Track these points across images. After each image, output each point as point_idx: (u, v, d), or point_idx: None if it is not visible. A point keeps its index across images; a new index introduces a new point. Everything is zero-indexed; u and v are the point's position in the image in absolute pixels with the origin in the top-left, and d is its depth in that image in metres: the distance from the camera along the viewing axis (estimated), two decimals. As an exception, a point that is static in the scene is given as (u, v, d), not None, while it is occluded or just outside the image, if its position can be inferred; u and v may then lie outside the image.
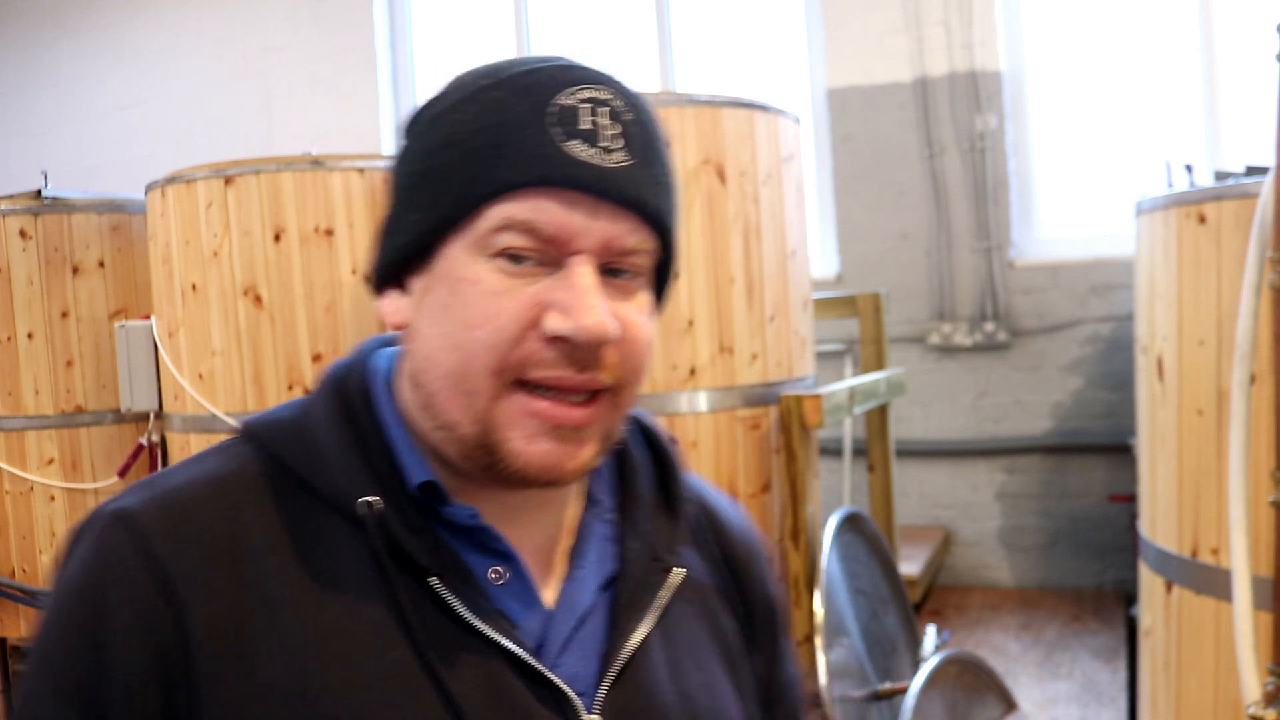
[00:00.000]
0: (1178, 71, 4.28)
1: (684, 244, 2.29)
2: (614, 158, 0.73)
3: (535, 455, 0.73)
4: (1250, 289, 1.94)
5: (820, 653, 2.20)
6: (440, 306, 0.74)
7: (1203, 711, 2.23)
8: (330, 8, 5.57)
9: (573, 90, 0.74)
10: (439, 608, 0.73)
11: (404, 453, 0.78)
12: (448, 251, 0.74)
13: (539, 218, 0.72)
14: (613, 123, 0.74)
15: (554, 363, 0.73)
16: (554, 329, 0.72)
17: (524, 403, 0.73)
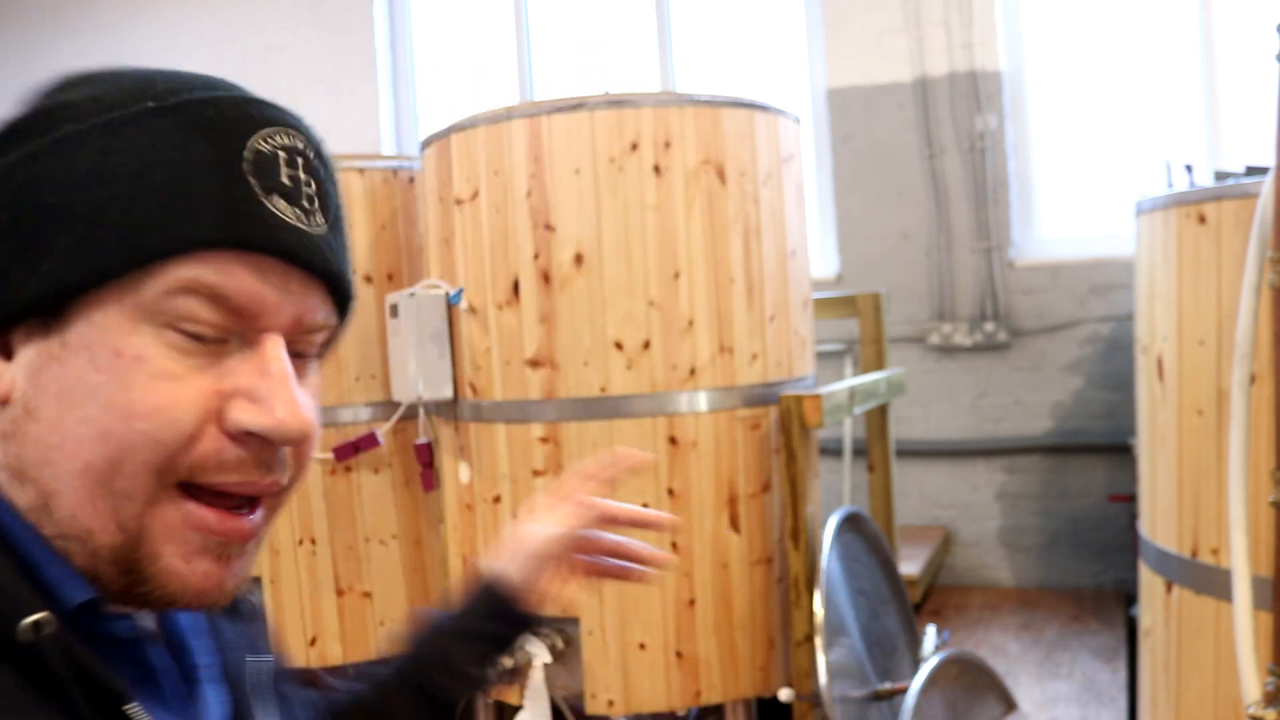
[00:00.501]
0: (1178, 71, 4.28)
1: (684, 244, 2.29)
2: (314, 220, 0.62)
3: (194, 577, 0.60)
4: (1250, 289, 1.94)
5: (820, 653, 2.20)
6: (79, 384, 0.58)
7: (1203, 711, 2.23)
8: (330, 8, 5.57)
9: (266, 133, 0.62)
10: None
11: (47, 565, 0.60)
12: (93, 315, 0.58)
13: (230, 285, 0.59)
14: (308, 178, 0.63)
15: (236, 465, 0.60)
16: (246, 424, 0.59)
17: (187, 512, 0.60)
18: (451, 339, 2.49)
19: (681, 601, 2.29)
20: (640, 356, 2.27)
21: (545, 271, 2.30)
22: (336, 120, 5.55)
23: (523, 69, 5.38)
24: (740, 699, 2.39)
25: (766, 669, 2.38)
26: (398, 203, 2.92)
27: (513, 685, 2.26)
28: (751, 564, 2.35)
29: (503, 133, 2.32)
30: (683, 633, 2.29)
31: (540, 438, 2.32)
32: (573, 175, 2.27)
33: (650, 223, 2.27)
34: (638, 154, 2.27)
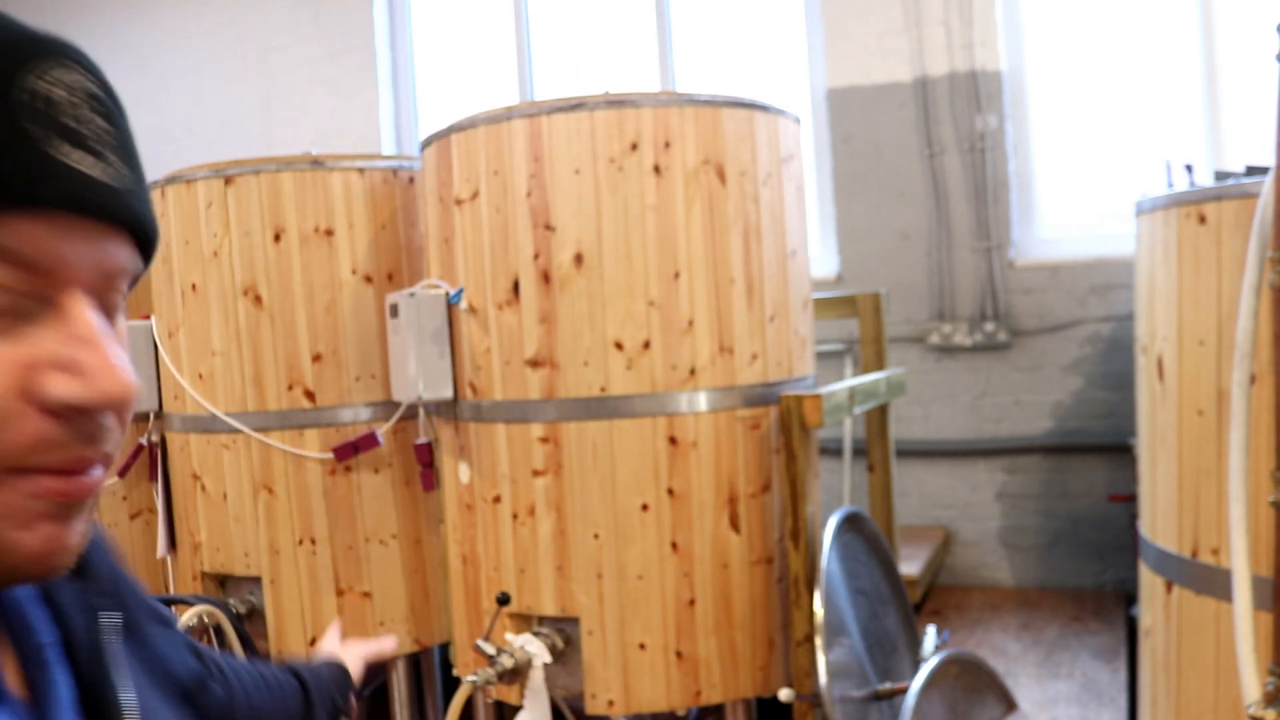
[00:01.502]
0: (1178, 71, 4.28)
1: (684, 244, 2.29)
2: (109, 169, 0.56)
3: (35, 543, 0.55)
4: (1250, 289, 1.94)
5: (820, 653, 2.20)
6: None
7: (1203, 711, 2.23)
8: (330, 8, 5.57)
9: (39, 69, 0.54)
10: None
11: None
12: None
13: (14, 243, 0.52)
14: (97, 116, 0.56)
15: (61, 443, 0.55)
16: (63, 397, 0.54)
17: (19, 486, 0.54)
18: (451, 339, 2.49)
19: (681, 601, 2.29)
20: (640, 356, 2.27)
21: (545, 271, 2.30)
22: (336, 120, 5.55)
23: (523, 69, 5.38)
24: (740, 699, 2.39)
25: (766, 669, 2.38)
26: (398, 203, 2.92)
27: (513, 685, 2.26)
28: (751, 564, 2.35)
29: (503, 133, 2.32)
30: (683, 633, 2.29)
31: (540, 438, 2.32)
32: (573, 175, 2.27)
33: (650, 223, 2.27)
34: (638, 154, 2.27)
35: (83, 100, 0.55)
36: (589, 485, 2.29)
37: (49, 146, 0.53)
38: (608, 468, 2.28)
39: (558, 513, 2.31)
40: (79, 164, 0.54)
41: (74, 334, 0.55)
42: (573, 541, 2.30)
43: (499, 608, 2.20)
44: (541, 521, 2.33)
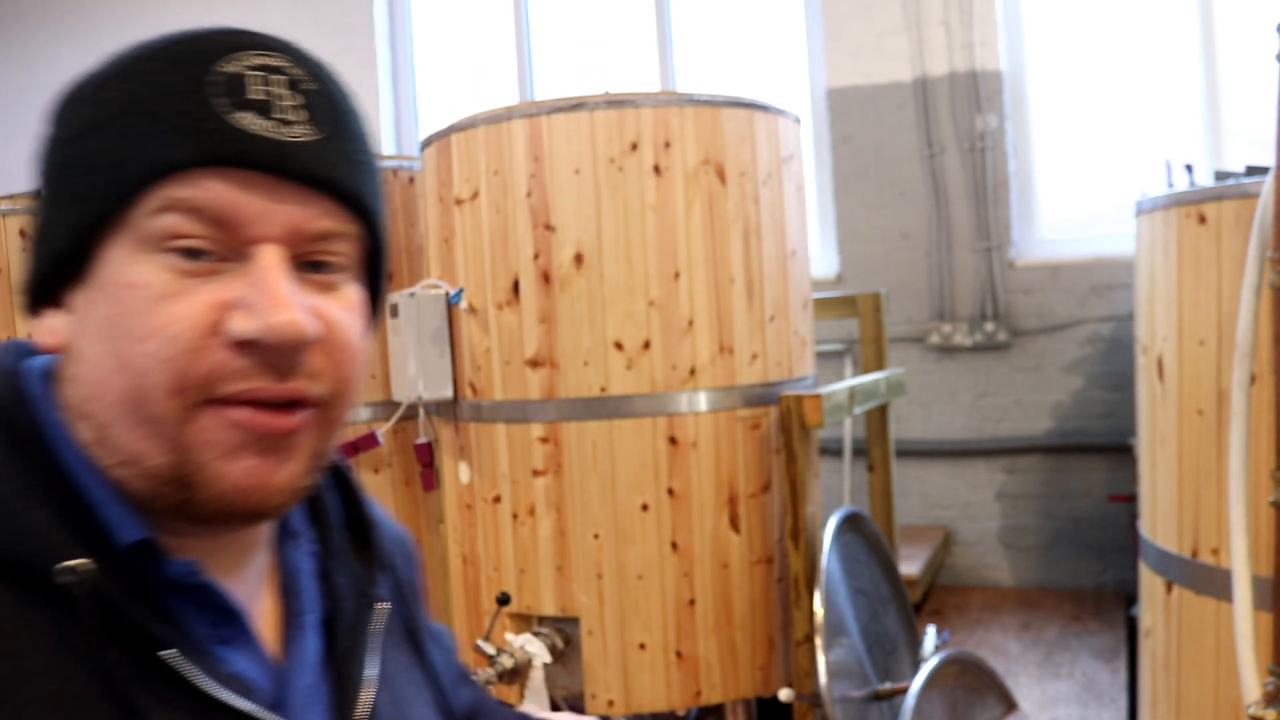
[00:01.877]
0: (1178, 71, 4.28)
1: (684, 244, 2.29)
2: (294, 130, 0.63)
3: (237, 474, 0.61)
4: (1250, 289, 1.94)
5: (820, 653, 2.20)
6: (104, 320, 0.61)
7: (1203, 711, 2.23)
8: (330, 8, 5.57)
9: (238, 56, 0.64)
10: (172, 684, 0.60)
11: (106, 504, 0.63)
12: (107, 254, 0.62)
13: (203, 197, 0.61)
14: (292, 93, 0.64)
15: (247, 373, 0.61)
16: (239, 331, 0.60)
17: (220, 416, 0.61)
18: (451, 339, 2.49)
19: (681, 601, 2.29)
20: (640, 356, 2.27)
21: (545, 271, 2.30)
22: (336, 120, 5.54)
23: (523, 69, 5.38)
24: (740, 699, 2.39)
25: (766, 669, 2.38)
26: (398, 203, 2.92)
27: (513, 685, 2.26)
28: (751, 564, 2.35)
29: (503, 133, 2.32)
30: (683, 633, 2.29)
31: (540, 438, 2.32)
32: (573, 175, 2.27)
33: (650, 223, 2.27)
34: (638, 154, 2.27)
35: (273, 79, 0.64)
36: (589, 485, 2.29)
37: (228, 114, 0.61)
38: (608, 468, 2.28)
39: (558, 513, 2.31)
40: (258, 128, 0.62)
41: (254, 278, 0.61)
42: (573, 541, 2.30)
43: (499, 608, 2.20)
44: (541, 521, 2.33)
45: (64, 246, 0.64)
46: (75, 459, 0.64)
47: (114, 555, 0.61)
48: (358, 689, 0.71)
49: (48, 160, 0.67)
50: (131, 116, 0.62)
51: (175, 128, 0.61)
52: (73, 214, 0.63)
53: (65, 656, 0.58)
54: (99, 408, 0.62)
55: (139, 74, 0.64)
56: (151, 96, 0.62)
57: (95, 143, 0.62)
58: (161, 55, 0.65)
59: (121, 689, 0.58)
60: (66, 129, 0.65)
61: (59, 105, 0.67)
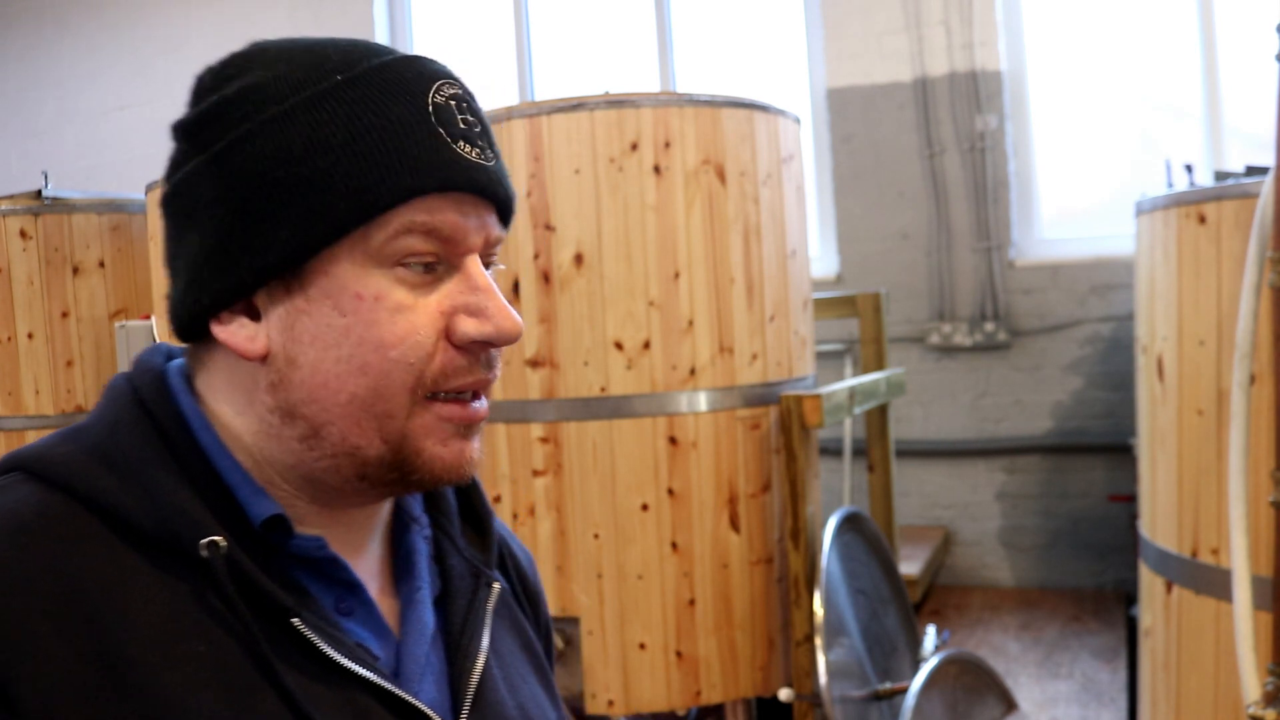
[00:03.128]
0: (1178, 71, 4.28)
1: (684, 244, 2.29)
2: (488, 156, 0.72)
3: (450, 455, 0.72)
4: (1250, 289, 1.94)
5: (820, 653, 2.20)
6: (330, 329, 0.68)
7: (1203, 711, 2.23)
8: (330, 8, 5.57)
9: (438, 86, 0.71)
10: (300, 649, 0.68)
11: (240, 485, 0.71)
12: (329, 269, 0.68)
13: (438, 220, 0.69)
14: (475, 120, 0.73)
15: (468, 369, 0.71)
16: (471, 334, 0.70)
17: (439, 410, 0.71)
18: (451, 339, 2.49)
19: (681, 601, 2.29)
20: (640, 356, 2.27)
21: (545, 271, 2.30)
22: (336, 120, 5.54)
23: (523, 69, 5.38)
24: (740, 699, 2.39)
25: (766, 669, 2.38)
26: (398, 203, 2.92)
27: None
28: (751, 564, 2.35)
29: (503, 133, 2.32)
30: (683, 632, 2.29)
31: (540, 438, 2.32)
32: (573, 175, 2.27)
33: (650, 223, 2.27)
34: (638, 154, 2.27)
35: (465, 106, 0.72)
36: (589, 485, 2.29)
37: (454, 144, 0.70)
38: (608, 468, 2.28)
39: (558, 512, 2.31)
40: (471, 156, 0.70)
41: (476, 286, 0.71)
42: (573, 541, 2.30)
43: (499, 608, 2.20)
44: (541, 521, 2.33)
45: (274, 258, 0.68)
46: (215, 447, 0.71)
47: (248, 531, 0.69)
48: (471, 660, 0.77)
49: (243, 173, 0.68)
50: (367, 142, 0.67)
51: (416, 158, 0.68)
52: (300, 230, 0.67)
53: (210, 621, 0.66)
54: (318, 409, 0.69)
55: (359, 100, 0.68)
56: (384, 126, 0.68)
57: (328, 163, 0.67)
58: (375, 83, 0.69)
59: (259, 650, 0.65)
60: (276, 147, 0.68)
61: (251, 121, 0.68)
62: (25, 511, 0.66)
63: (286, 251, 0.68)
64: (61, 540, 0.65)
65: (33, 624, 0.61)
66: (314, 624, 0.68)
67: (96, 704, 0.60)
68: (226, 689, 0.64)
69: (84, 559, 0.65)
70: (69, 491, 0.67)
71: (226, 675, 0.64)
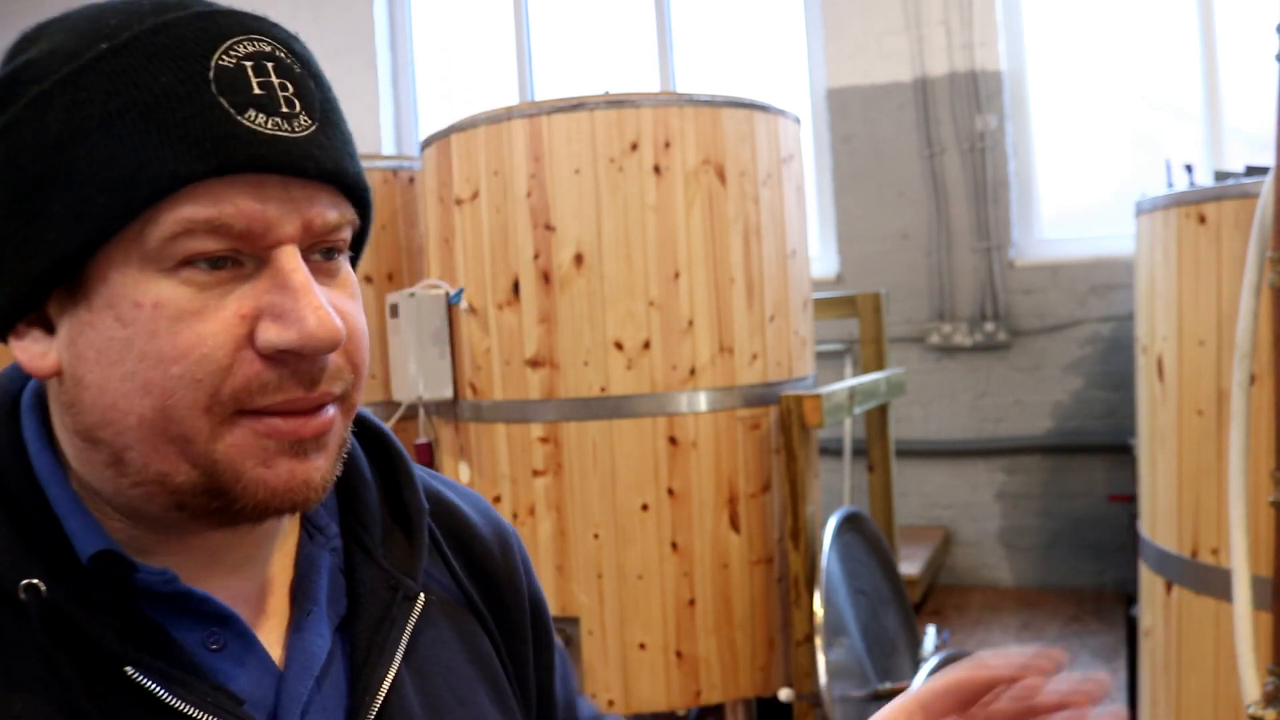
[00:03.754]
0: (1178, 71, 4.28)
1: (684, 244, 2.29)
2: (298, 125, 0.60)
3: (277, 479, 0.61)
4: (1250, 289, 1.94)
5: (820, 653, 2.20)
6: (113, 342, 0.58)
7: (1203, 711, 2.23)
8: (330, 8, 5.57)
9: (228, 46, 0.59)
10: (139, 700, 0.59)
11: (68, 517, 0.62)
12: (107, 274, 0.58)
13: (226, 212, 0.57)
14: (282, 80, 0.60)
15: (278, 385, 0.60)
16: (274, 342, 0.58)
17: (253, 426, 0.60)
18: (451, 339, 2.49)
19: (681, 601, 2.29)
20: (640, 356, 2.27)
21: (545, 271, 2.30)
22: (336, 120, 5.54)
23: (523, 69, 5.38)
24: (740, 699, 2.39)
25: (766, 669, 2.38)
26: (398, 203, 2.92)
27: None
28: (751, 564, 2.35)
29: (503, 133, 2.32)
30: (683, 632, 2.29)
31: (540, 438, 2.32)
32: (573, 175, 2.27)
33: (650, 223, 2.28)
34: (638, 154, 2.27)
35: (267, 67, 0.59)
36: (589, 485, 2.29)
37: (239, 115, 0.57)
38: (608, 468, 2.28)
39: (558, 512, 2.31)
40: (265, 127, 0.58)
41: (283, 284, 0.59)
42: (572, 541, 2.30)
43: (499, 608, 2.20)
44: (541, 521, 2.33)
45: (43, 265, 0.58)
46: (50, 476, 0.63)
47: (79, 570, 0.60)
48: (373, 692, 0.67)
49: (10, 165, 0.59)
50: (125, 122, 0.56)
51: (183, 136, 0.56)
52: (65, 232, 0.57)
53: (31, 675, 0.58)
54: (112, 433, 0.60)
55: (123, 71, 0.57)
56: (148, 100, 0.57)
57: (83, 151, 0.57)
58: (138, 49, 0.58)
59: (85, 710, 0.57)
60: (33, 133, 0.58)
61: (4, 97, 0.59)
62: None
63: (53, 256, 0.58)
64: None
65: None
66: (157, 670, 0.59)
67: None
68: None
69: None
70: None
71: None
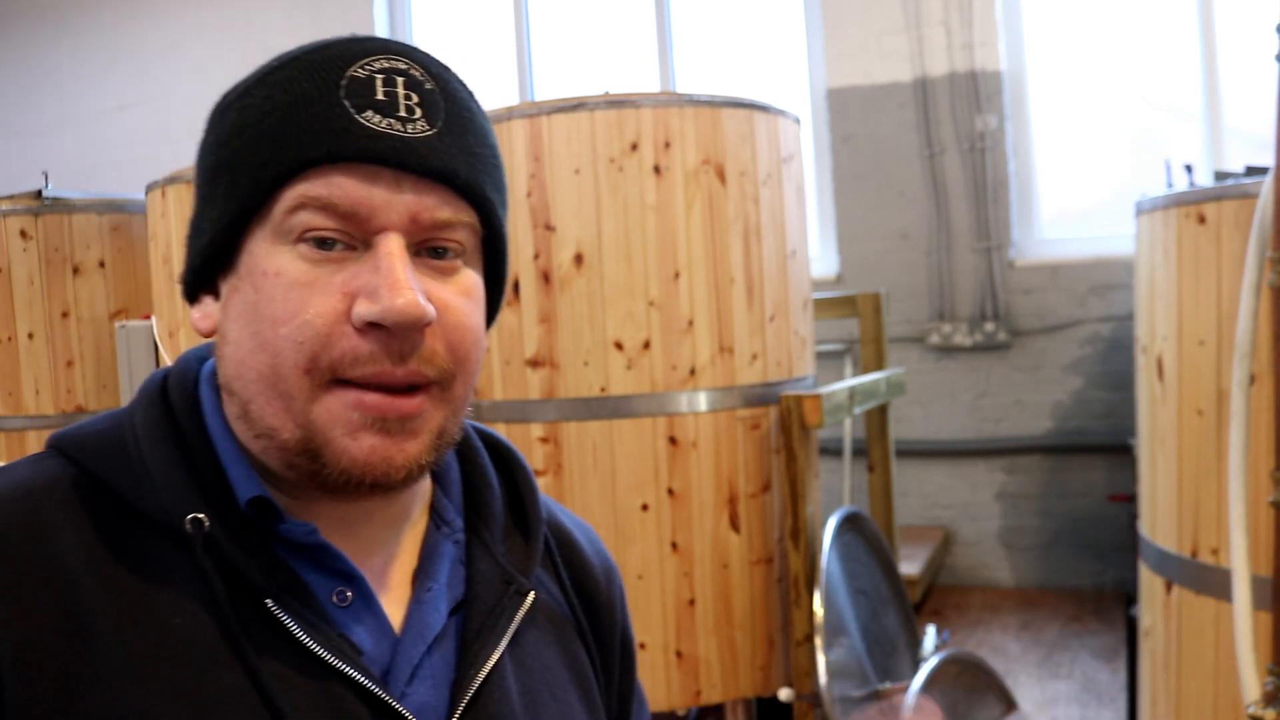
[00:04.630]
0: (1178, 71, 4.28)
1: (684, 244, 2.29)
2: (414, 127, 0.68)
3: (360, 451, 0.68)
4: (1250, 289, 1.94)
5: (820, 653, 2.20)
6: (247, 305, 0.69)
7: (1203, 711, 2.24)
8: (330, 8, 5.57)
9: (366, 62, 0.69)
10: (276, 633, 0.67)
11: (232, 466, 0.72)
12: (250, 246, 0.69)
13: (334, 193, 0.67)
14: (411, 92, 0.69)
15: (370, 357, 0.67)
16: (364, 315, 0.66)
17: (344, 397, 0.67)
18: (451, 339, 2.49)
19: (681, 601, 2.29)
20: (640, 356, 2.27)
21: (545, 271, 2.30)
22: (336, 120, 5.54)
23: (523, 69, 5.38)
24: (740, 699, 2.39)
25: (766, 669, 2.38)
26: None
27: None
28: (751, 564, 2.36)
29: (503, 133, 2.32)
30: (683, 632, 2.30)
31: (540, 438, 2.32)
32: (573, 175, 2.27)
33: (650, 223, 2.28)
34: (638, 154, 2.27)
35: (396, 80, 0.69)
36: (589, 485, 2.29)
37: (358, 115, 0.67)
38: (608, 468, 2.28)
39: (558, 513, 2.31)
40: (381, 126, 0.67)
41: (376, 266, 0.67)
42: (573, 541, 2.30)
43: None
44: (541, 521, 2.33)
45: (211, 240, 0.70)
46: (218, 430, 0.73)
47: (237, 513, 0.70)
48: (477, 668, 0.74)
49: (201, 163, 0.73)
50: (271, 120, 0.68)
51: (308, 130, 0.67)
52: (222, 210, 0.69)
53: (188, 596, 0.67)
54: (240, 385, 0.69)
55: (279, 82, 0.69)
56: (289, 102, 0.68)
57: (240, 144, 0.69)
58: (299, 64, 0.70)
59: (229, 628, 0.66)
60: (217, 134, 0.72)
61: (213, 112, 0.74)
62: (39, 482, 0.69)
63: (215, 232, 0.70)
64: (61, 509, 0.68)
65: (19, 581, 0.64)
66: (293, 609, 0.68)
67: (64, 659, 0.63)
68: (192, 662, 0.65)
69: (77, 529, 0.67)
70: (81, 467, 0.70)
71: (195, 649, 0.65)
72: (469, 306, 0.72)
